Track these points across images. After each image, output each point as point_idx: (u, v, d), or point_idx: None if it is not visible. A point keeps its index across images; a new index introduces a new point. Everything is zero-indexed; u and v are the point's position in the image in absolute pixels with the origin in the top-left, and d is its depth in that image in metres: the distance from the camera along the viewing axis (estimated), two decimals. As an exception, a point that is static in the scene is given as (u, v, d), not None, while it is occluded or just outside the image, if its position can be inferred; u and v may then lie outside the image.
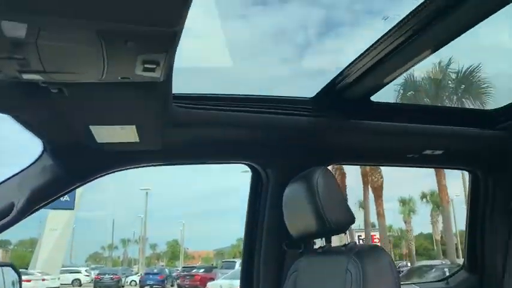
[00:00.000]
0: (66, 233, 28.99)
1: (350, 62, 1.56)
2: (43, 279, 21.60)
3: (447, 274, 2.41)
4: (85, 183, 1.67)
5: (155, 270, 29.72)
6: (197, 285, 20.22)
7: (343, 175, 21.66)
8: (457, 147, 2.05)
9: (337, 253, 1.39)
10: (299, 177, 1.54)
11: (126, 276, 30.28)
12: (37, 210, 1.58)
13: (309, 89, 1.83)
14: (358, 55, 1.52)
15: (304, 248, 1.76)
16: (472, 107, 15.66)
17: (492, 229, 2.22)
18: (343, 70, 1.62)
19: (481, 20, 1.28)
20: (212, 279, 17.92)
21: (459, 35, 1.35)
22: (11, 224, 1.42)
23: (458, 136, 1.96)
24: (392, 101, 1.96)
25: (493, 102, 15.26)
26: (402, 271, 16.53)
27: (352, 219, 1.43)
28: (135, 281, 29.17)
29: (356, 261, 1.26)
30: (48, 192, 1.54)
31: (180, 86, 1.48)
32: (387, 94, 1.85)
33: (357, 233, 23.63)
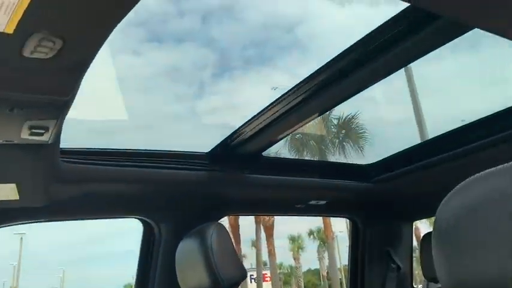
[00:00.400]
0: None
1: (244, 121, 1.66)
2: None
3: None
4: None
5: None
6: None
7: (236, 216, 21.90)
8: (338, 198, 2.25)
9: None
10: (193, 233, 1.54)
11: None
12: None
13: (205, 144, 1.87)
14: (252, 115, 1.62)
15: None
16: (351, 149, 17.23)
17: (370, 269, 2.43)
18: (238, 128, 1.70)
19: (362, 90, 1.45)
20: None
21: (344, 101, 1.52)
22: None
23: (338, 188, 2.15)
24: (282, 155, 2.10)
25: (368, 146, 17.00)
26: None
27: (244, 275, 1.46)
28: None
29: None
30: None
31: (69, 139, 1.42)
32: (276, 147, 1.98)
33: (249, 273, 23.80)
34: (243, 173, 1.87)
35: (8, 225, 1.61)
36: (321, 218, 20.96)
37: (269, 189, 2.01)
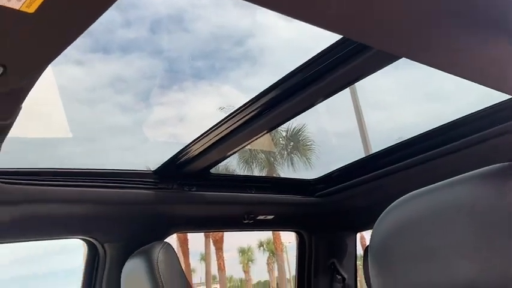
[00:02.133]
0: None
1: (192, 139, 1.67)
2: None
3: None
4: None
5: None
6: None
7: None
8: (285, 212, 2.30)
9: None
10: (138, 253, 1.52)
11: None
12: None
13: (150, 160, 1.85)
14: (200, 134, 1.63)
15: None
16: (299, 160, 17.57)
17: (317, 281, 2.49)
18: (186, 146, 1.71)
19: (310, 107, 1.50)
20: None
21: (292, 118, 1.57)
22: None
23: (285, 203, 2.21)
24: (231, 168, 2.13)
25: (315, 158, 17.43)
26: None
27: None
28: None
29: None
30: None
31: (6, 158, 1.37)
32: (226, 161, 1.99)
33: (198, 287, 23.42)
34: (191, 191, 1.87)
35: None
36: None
37: (217, 205, 2.02)
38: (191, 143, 1.68)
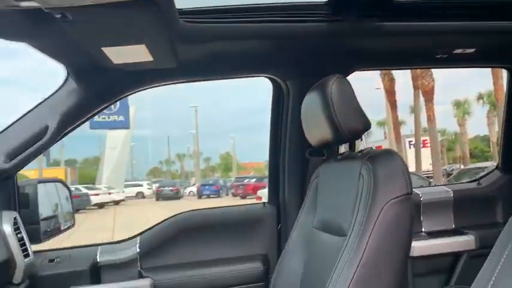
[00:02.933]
0: (125, 150, 30.92)
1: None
2: (109, 193, 23.58)
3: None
4: (110, 105, 1.76)
5: (210, 182, 31.51)
6: (249, 194, 21.34)
7: (392, 81, 20.97)
8: (491, 44, 1.92)
9: (353, 158, 1.41)
10: (315, 87, 1.52)
11: (184, 188, 32.34)
12: (70, 131, 1.70)
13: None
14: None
15: (327, 155, 1.80)
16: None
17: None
18: None
19: None
20: (264, 187, 18.78)
21: None
22: (47, 145, 1.54)
23: (492, 31, 1.82)
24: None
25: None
26: (452, 173, 16.44)
27: (367, 126, 1.42)
28: (193, 191, 31.13)
29: (368, 166, 1.28)
30: (76, 114, 1.64)
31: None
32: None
33: (407, 139, 23.38)
34: (372, 21, 1.70)
35: (146, 88, 1.81)
36: (491, 80, 18.73)
37: (403, 38, 1.81)
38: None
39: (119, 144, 29.40)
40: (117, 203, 23.74)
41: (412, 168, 19.17)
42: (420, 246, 1.97)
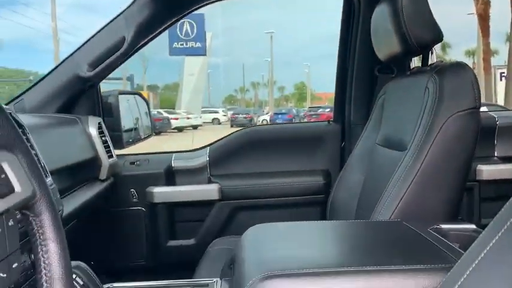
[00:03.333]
0: (202, 77, 31.73)
1: None
2: (187, 118, 24.72)
3: None
4: (182, 17, 1.81)
5: (283, 111, 31.71)
6: (322, 123, 21.24)
7: (486, 4, 18.90)
8: None
9: (422, 73, 1.35)
10: None
11: (258, 116, 32.90)
12: (145, 44, 1.79)
13: None
14: None
15: (396, 72, 1.74)
16: None
17: None
18: None
19: None
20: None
21: None
22: (124, 55, 1.65)
23: None
24: None
25: None
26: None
27: (438, 37, 1.34)
28: (266, 120, 31.61)
29: (435, 78, 1.21)
30: (150, 26, 1.71)
31: None
32: None
33: (499, 70, 21.45)
34: None
35: (207, 3, 1.82)
36: None
37: None
38: None
39: (196, 71, 30.13)
40: (194, 127, 24.90)
41: (500, 102, 17.73)
42: (490, 170, 1.90)
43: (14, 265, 0.55)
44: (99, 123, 1.68)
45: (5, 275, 0.52)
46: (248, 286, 0.78)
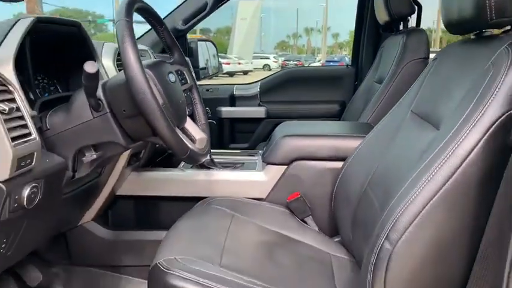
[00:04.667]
0: (254, 22, 31.71)
1: None
2: (239, 63, 25.27)
3: None
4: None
5: (335, 58, 31.53)
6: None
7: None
8: None
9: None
10: None
11: (309, 64, 32.93)
12: (222, 4, 2.57)
13: None
14: None
15: (395, 32, 2.43)
16: None
17: None
18: None
19: None
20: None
21: None
22: (206, 15, 2.45)
23: None
24: None
25: None
26: None
27: (412, 11, 2.05)
28: (317, 67, 31.60)
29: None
30: None
31: None
32: None
33: None
34: None
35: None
36: None
37: None
38: None
39: (249, 15, 30.20)
40: (245, 73, 25.46)
41: None
42: None
43: None
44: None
45: None
46: (273, 141, 1.62)
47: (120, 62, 1.47)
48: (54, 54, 1.33)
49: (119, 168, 1.52)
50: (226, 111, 2.76)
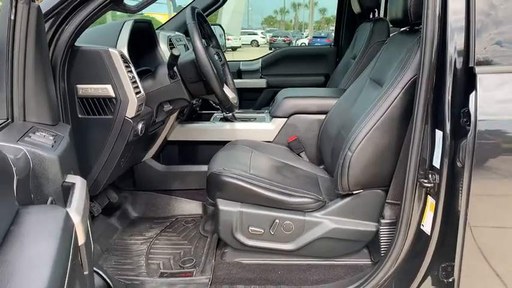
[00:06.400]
0: (242, -3, 31.63)
1: None
2: (227, 39, 25.47)
3: None
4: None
5: (322, 34, 31.79)
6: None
7: None
8: None
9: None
10: None
11: (297, 40, 33.20)
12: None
13: None
14: None
15: (367, 19, 3.10)
16: None
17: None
18: None
19: None
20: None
21: None
22: (218, 7, 3.10)
23: None
24: None
25: None
26: None
27: (377, 5, 2.74)
28: (304, 43, 32.02)
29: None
30: None
31: None
32: None
33: None
34: None
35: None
36: None
37: None
38: None
39: (237, -10, 30.19)
40: (234, 49, 25.73)
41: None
42: None
43: None
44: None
45: None
46: (277, 102, 2.31)
47: (172, 46, 2.21)
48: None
49: (171, 121, 2.20)
50: (235, 82, 3.44)
